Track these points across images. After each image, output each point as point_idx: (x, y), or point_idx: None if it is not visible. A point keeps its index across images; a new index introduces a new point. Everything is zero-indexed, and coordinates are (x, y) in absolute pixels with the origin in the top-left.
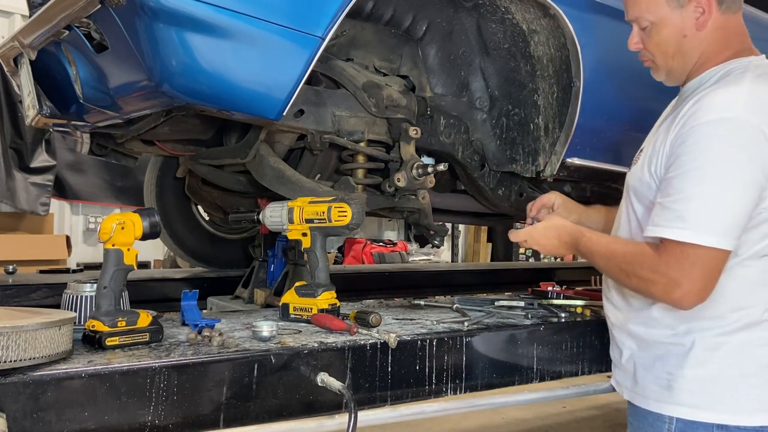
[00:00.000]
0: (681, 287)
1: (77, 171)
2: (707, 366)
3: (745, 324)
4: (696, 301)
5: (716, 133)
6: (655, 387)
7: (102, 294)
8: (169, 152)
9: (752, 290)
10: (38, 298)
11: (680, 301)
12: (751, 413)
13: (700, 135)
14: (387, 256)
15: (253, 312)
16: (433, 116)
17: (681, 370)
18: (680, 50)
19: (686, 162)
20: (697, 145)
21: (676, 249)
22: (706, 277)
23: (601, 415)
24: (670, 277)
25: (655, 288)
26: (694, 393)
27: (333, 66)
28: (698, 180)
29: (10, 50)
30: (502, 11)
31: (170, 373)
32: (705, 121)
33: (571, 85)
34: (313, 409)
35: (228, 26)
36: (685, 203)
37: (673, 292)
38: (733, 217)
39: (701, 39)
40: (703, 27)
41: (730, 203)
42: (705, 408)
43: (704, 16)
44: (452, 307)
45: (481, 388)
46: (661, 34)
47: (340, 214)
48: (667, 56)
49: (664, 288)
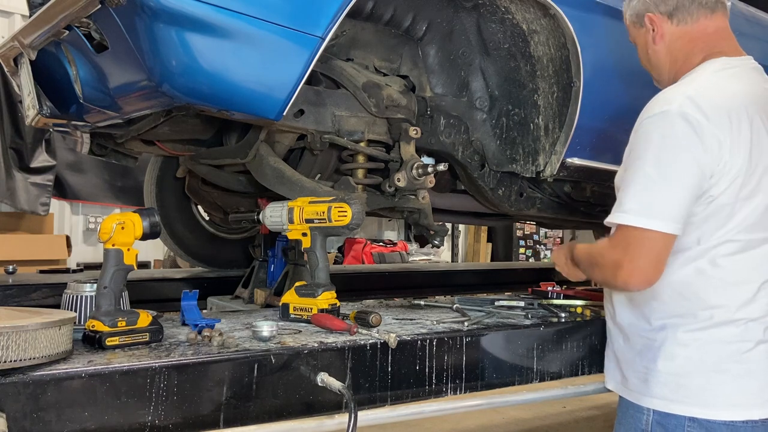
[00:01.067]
0: (623, 268)
1: (77, 171)
2: (679, 361)
3: (717, 322)
4: (640, 281)
5: (654, 127)
6: (635, 380)
7: (102, 294)
8: (169, 152)
9: (725, 289)
10: (38, 298)
11: (625, 282)
12: (721, 407)
13: (643, 130)
14: (387, 256)
15: (253, 312)
16: (433, 116)
17: (655, 364)
18: (651, 62)
19: (632, 156)
20: (639, 139)
21: (618, 232)
22: (646, 257)
23: (601, 415)
24: (613, 259)
25: (604, 272)
26: (667, 386)
27: (333, 66)
28: (636, 170)
29: (10, 50)
30: (502, 11)
31: (170, 373)
32: (647, 117)
33: (571, 85)
34: (313, 409)
35: (228, 26)
36: (625, 191)
37: (618, 274)
38: (666, 200)
39: (664, 50)
40: (659, 41)
41: (666, 189)
42: (677, 401)
43: (655, 32)
44: (452, 307)
45: (481, 388)
46: (638, 50)
47: (340, 214)
48: (649, 68)
49: (610, 271)
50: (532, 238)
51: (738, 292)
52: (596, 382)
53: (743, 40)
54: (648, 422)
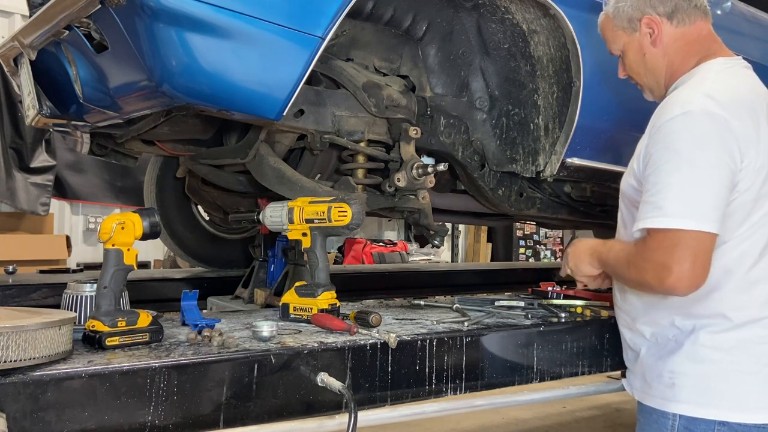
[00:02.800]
0: (671, 271)
1: (77, 171)
2: (709, 363)
3: (745, 321)
4: (689, 285)
5: (680, 127)
6: (660, 385)
7: (102, 294)
8: (169, 152)
9: (750, 287)
10: (38, 298)
11: (674, 286)
12: (752, 410)
13: (667, 131)
14: (387, 256)
15: (253, 312)
16: (433, 116)
17: (683, 368)
18: (647, 68)
19: (658, 158)
20: (665, 140)
21: (659, 236)
22: (692, 259)
23: (601, 415)
24: (658, 262)
25: (649, 277)
26: (696, 390)
27: (333, 66)
28: (669, 171)
29: (10, 50)
30: (502, 11)
31: (170, 373)
32: (669, 118)
33: (571, 85)
34: (313, 409)
35: (228, 26)
36: (661, 194)
37: (666, 278)
38: (708, 200)
39: (661, 53)
40: (657, 44)
41: (703, 187)
42: (707, 405)
43: (655, 34)
44: (452, 307)
45: (481, 388)
46: (629, 57)
47: (340, 214)
48: (640, 75)
49: (656, 276)
50: (532, 238)
51: (761, 290)
52: (596, 383)
53: (744, 40)
54: (674, 427)
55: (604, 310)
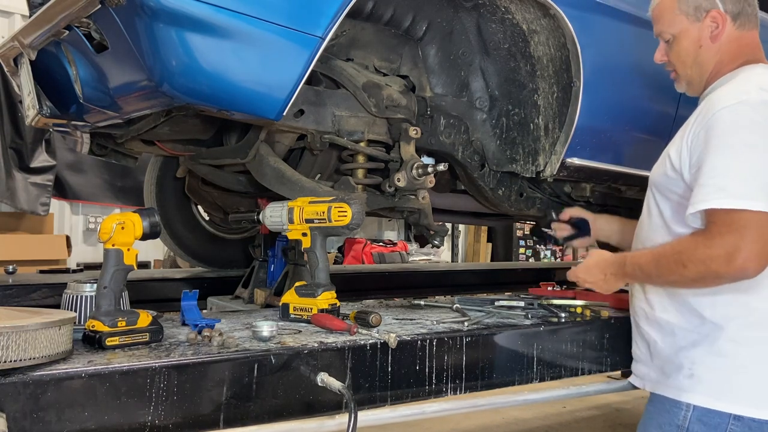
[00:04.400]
0: (741, 252)
1: (77, 171)
2: (732, 357)
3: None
4: (759, 264)
5: (737, 114)
6: (678, 375)
7: (102, 294)
8: (169, 152)
9: None
10: (38, 298)
11: (744, 267)
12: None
13: (722, 118)
14: (387, 256)
15: (253, 312)
16: (433, 116)
17: (703, 359)
18: (696, 60)
19: (715, 145)
20: (721, 127)
21: (726, 217)
22: (762, 240)
23: (601, 415)
24: (727, 245)
25: (716, 263)
26: (715, 383)
27: (333, 66)
28: (731, 155)
29: (10, 50)
30: (502, 11)
31: (170, 373)
32: (723, 107)
33: (571, 85)
34: (313, 409)
35: (228, 26)
36: (722, 177)
37: (736, 259)
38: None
39: (715, 50)
40: (717, 39)
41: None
42: (724, 398)
43: (718, 29)
44: (452, 307)
45: (481, 388)
46: (680, 45)
47: (340, 214)
48: (685, 66)
49: (725, 258)
50: (532, 238)
51: None
52: (596, 383)
53: None
54: (686, 418)
55: (604, 310)
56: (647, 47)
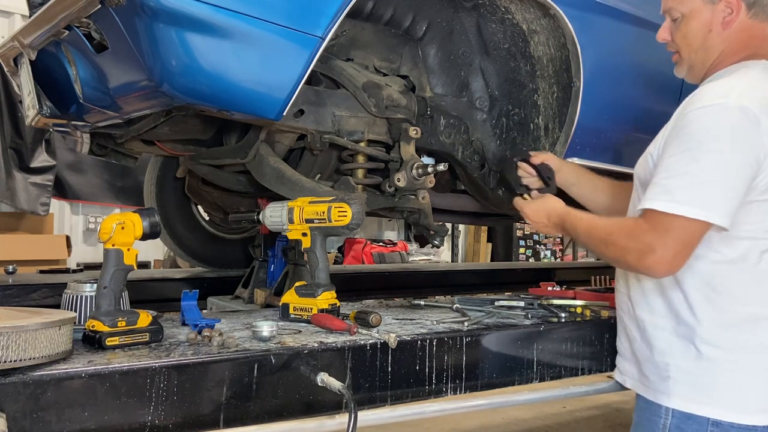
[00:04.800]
0: (654, 253)
1: (77, 171)
2: (709, 360)
3: (748, 317)
4: (667, 269)
5: (709, 117)
6: (655, 377)
7: (102, 294)
8: (169, 152)
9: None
10: (38, 298)
11: (653, 267)
12: (749, 412)
13: (694, 118)
14: (387, 256)
15: (253, 312)
16: (433, 116)
17: (679, 361)
18: (704, 45)
19: (679, 144)
20: (690, 128)
21: (655, 217)
22: (679, 245)
23: (601, 415)
24: (644, 243)
25: (630, 256)
26: (691, 385)
27: (333, 66)
28: (689, 160)
29: (10, 50)
30: (502, 11)
31: (170, 373)
32: (699, 107)
33: (571, 85)
34: (313, 409)
35: (228, 26)
36: (673, 179)
37: (646, 258)
38: (720, 193)
39: (725, 37)
40: (728, 26)
41: (719, 180)
42: (701, 402)
43: (732, 15)
44: (452, 307)
45: (481, 388)
46: (689, 25)
47: (340, 214)
48: (691, 49)
49: (637, 254)
50: (532, 238)
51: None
52: (597, 383)
53: None
54: (666, 426)
55: (604, 310)
56: (647, 47)
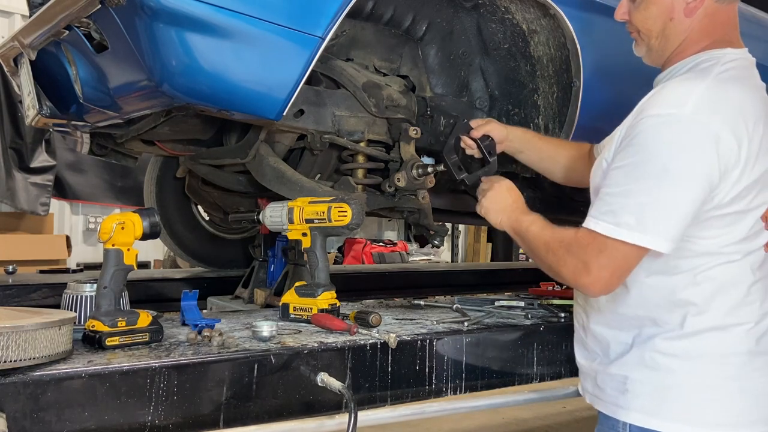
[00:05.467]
0: (590, 274)
1: (77, 171)
2: (666, 371)
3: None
4: (601, 290)
5: (661, 130)
6: (612, 391)
7: (102, 294)
8: (169, 152)
9: (714, 295)
10: (38, 298)
11: (587, 286)
12: (708, 425)
13: (646, 128)
14: (387, 256)
15: (253, 312)
16: (433, 116)
17: (638, 374)
18: (663, 32)
19: (628, 155)
20: (641, 137)
21: (594, 236)
22: (615, 269)
23: None
24: (581, 261)
25: (564, 270)
26: (648, 399)
27: (333, 66)
28: (636, 176)
29: (10, 50)
30: (502, 11)
31: (170, 373)
32: (653, 114)
33: (571, 85)
34: (313, 409)
35: (228, 26)
36: (619, 197)
37: (581, 277)
38: (664, 216)
39: (687, 25)
40: (692, 13)
41: (665, 202)
42: (657, 415)
43: (695, 2)
44: (452, 307)
45: (481, 388)
46: (648, 11)
47: (340, 214)
48: (650, 34)
49: (573, 270)
50: None
51: (726, 295)
52: None
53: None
54: None
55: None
56: None
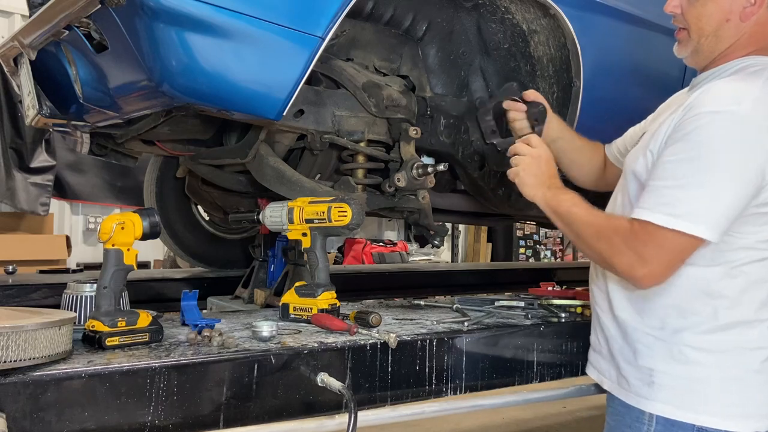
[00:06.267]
0: (645, 266)
1: (77, 171)
2: (694, 364)
3: (736, 323)
4: (654, 282)
5: (718, 125)
6: (637, 381)
7: (102, 294)
8: (169, 152)
9: (746, 289)
10: (38, 298)
11: (641, 279)
12: (735, 418)
13: (702, 123)
14: (387, 256)
15: (253, 312)
16: (433, 116)
17: (664, 366)
18: (716, 32)
19: (684, 149)
20: (697, 133)
21: (653, 230)
22: (670, 261)
23: (601, 415)
24: (639, 253)
25: (620, 259)
26: (676, 391)
27: (333, 66)
28: (693, 169)
29: (10, 50)
30: (502, 11)
31: (170, 373)
32: (709, 111)
33: (571, 85)
34: (313, 409)
35: (228, 26)
36: (676, 190)
37: (637, 269)
38: (721, 210)
39: (740, 29)
40: (747, 18)
41: (721, 196)
42: (686, 408)
43: (753, 8)
44: (452, 307)
45: (481, 388)
46: (706, 8)
47: (340, 214)
48: (701, 33)
49: (629, 262)
50: (532, 238)
51: (758, 291)
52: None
53: None
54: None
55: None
56: (648, 47)
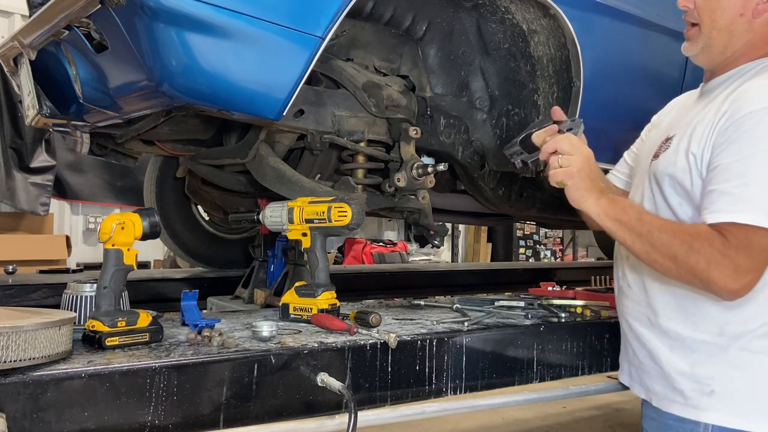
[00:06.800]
0: (748, 276)
1: (77, 171)
2: (755, 371)
3: None
4: (744, 294)
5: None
6: (694, 393)
7: (102, 294)
8: (169, 152)
9: None
10: (38, 298)
11: (739, 290)
12: None
13: (758, 120)
14: (387, 256)
15: (253, 312)
16: (433, 116)
17: (727, 374)
18: (729, 27)
19: (744, 147)
20: (755, 130)
21: (744, 234)
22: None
23: (601, 415)
24: (737, 264)
25: (718, 271)
26: (737, 399)
27: (333, 66)
28: (760, 165)
29: (10, 50)
30: (502, 11)
31: (170, 373)
32: (761, 108)
33: (571, 85)
34: (313, 409)
35: (228, 26)
36: (748, 187)
37: (738, 279)
38: None
39: (753, 26)
40: (760, 14)
41: None
42: (744, 415)
43: (765, 4)
44: (452, 307)
45: (481, 388)
46: (720, 2)
47: (340, 214)
48: (714, 26)
49: (731, 274)
50: (532, 238)
51: None
52: (596, 383)
53: None
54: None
55: (604, 310)
56: (648, 47)
